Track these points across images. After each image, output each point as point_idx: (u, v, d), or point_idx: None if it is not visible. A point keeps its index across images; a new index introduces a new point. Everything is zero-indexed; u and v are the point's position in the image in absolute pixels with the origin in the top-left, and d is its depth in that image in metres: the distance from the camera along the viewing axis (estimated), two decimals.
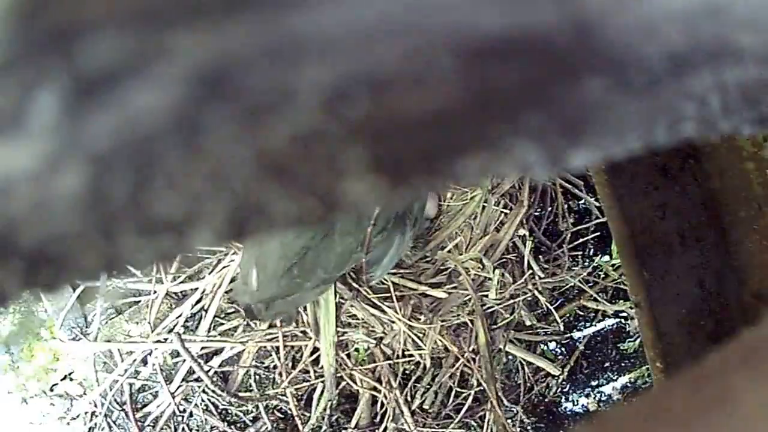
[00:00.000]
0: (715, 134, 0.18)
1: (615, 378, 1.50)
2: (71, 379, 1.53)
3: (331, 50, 0.13)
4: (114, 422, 1.49)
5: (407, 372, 1.40)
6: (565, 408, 1.51)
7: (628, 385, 1.50)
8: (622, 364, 1.49)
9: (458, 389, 1.41)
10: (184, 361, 1.40)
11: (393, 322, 1.31)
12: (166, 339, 1.41)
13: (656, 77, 0.16)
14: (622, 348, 1.49)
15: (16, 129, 0.13)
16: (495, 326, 1.37)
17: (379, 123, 0.14)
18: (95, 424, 1.49)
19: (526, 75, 0.15)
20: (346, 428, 1.43)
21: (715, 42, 0.17)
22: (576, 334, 1.48)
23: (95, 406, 1.49)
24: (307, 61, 0.13)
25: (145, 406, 1.48)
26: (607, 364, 1.49)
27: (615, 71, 0.15)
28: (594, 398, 1.51)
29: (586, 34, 0.15)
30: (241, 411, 1.45)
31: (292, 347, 1.38)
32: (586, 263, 1.42)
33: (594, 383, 1.51)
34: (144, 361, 1.45)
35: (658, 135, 0.17)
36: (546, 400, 1.49)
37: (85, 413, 1.49)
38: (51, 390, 1.53)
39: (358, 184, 0.14)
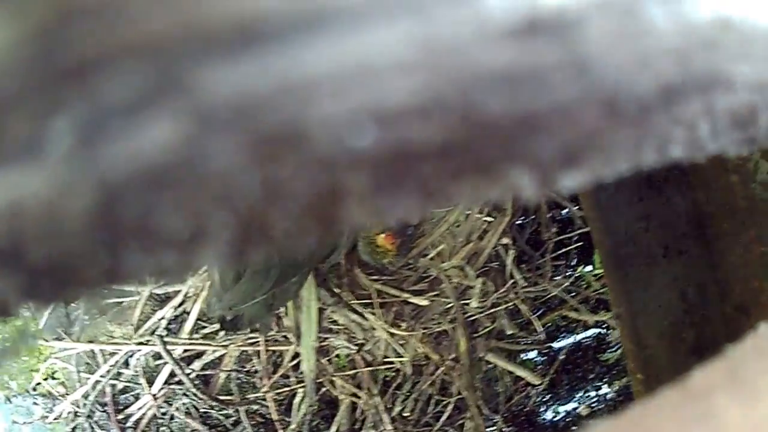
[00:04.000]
0: (702, 155, 0.18)
1: (595, 388, 1.44)
2: (54, 379, 1.47)
3: (342, 86, 0.13)
4: (96, 423, 1.43)
5: (388, 379, 1.35)
6: (545, 418, 1.45)
7: (609, 395, 1.44)
8: (603, 375, 1.43)
9: (438, 397, 1.35)
10: (166, 363, 1.35)
11: (374, 328, 1.25)
12: (148, 341, 1.35)
13: (647, 106, 0.16)
14: (603, 358, 1.43)
15: (32, 155, 0.13)
16: (476, 335, 1.31)
17: (384, 153, 0.14)
18: (77, 425, 1.42)
19: (525, 107, 0.15)
20: None
21: (707, 73, 0.17)
22: (557, 344, 1.42)
23: (77, 406, 1.43)
24: (320, 97, 0.13)
25: (126, 407, 1.42)
26: (587, 375, 1.43)
27: (608, 102, 0.16)
28: (574, 408, 1.45)
29: (583, 70, 0.15)
30: (221, 415, 1.39)
31: (273, 352, 1.32)
32: (569, 273, 1.36)
33: (574, 393, 1.45)
34: (126, 363, 1.40)
35: (646, 157, 0.17)
36: (526, 409, 1.43)
37: (68, 413, 1.43)
38: (34, 389, 1.48)
39: (357, 207, 0.15)
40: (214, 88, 0.13)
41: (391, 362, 1.30)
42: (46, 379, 1.47)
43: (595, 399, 1.44)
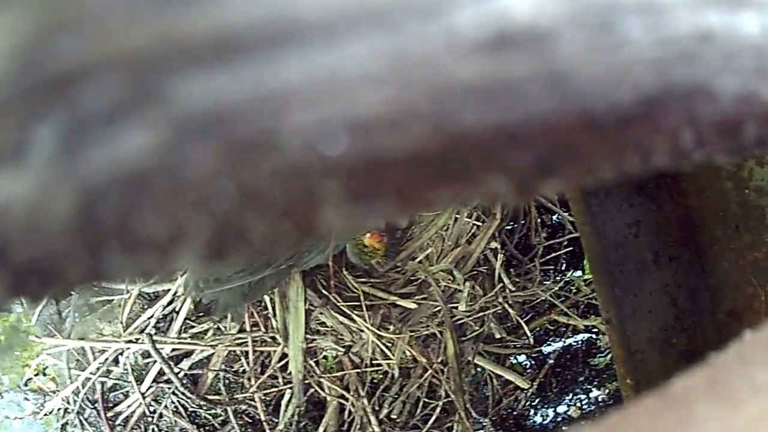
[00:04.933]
0: (688, 164, 0.18)
1: (585, 393, 1.42)
2: (44, 375, 1.47)
3: (313, 97, 0.14)
4: (86, 420, 1.42)
5: (375, 381, 1.33)
6: (534, 421, 1.43)
7: (599, 400, 1.42)
8: (593, 379, 1.41)
9: (426, 400, 1.33)
10: (155, 362, 1.33)
11: (362, 330, 1.23)
12: (137, 339, 1.34)
13: (626, 116, 0.16)
14: (593, 363, 1.41)
15: (17, 160, 0.13)
16: (464, 338, 1.29)
17: (357, 161, 0.14)
18: (68, 421, 1.42)
19: (500, 118, 0.15)
20: None
21: (689, 85, 0.16)
22: (546, 348, 1.40)
23: (68, 403, 1.42)
24: (292, 107, 0.14)
25: (116, 405, 1.41)
26: (576, 379, 1.40)
27: (586, 113, 0.15)
28: (564, 412, 1.44)
29: (558, 82, 0.15)
30: (210, 414, 1.38)
31: (261, 352, 1.31)
32: (558, 278, 1.33)
33: (563, 397, 1.43)
34: (116, 361, 1.39)
35: (628, 165, 0.17)
36: (514, 413, 1.41)
37: (58, 409, 1.42)
38: (25, 385, 1.47)
39: (332, 212, 0.15)
40: (190, 97, 0.13)
41: (379, 364, 1.29)
42: (37, 375, 1.46)
43: (585, 402, 1.42)
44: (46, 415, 1.44)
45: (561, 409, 1.43)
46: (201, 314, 1.13)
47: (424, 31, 0.14)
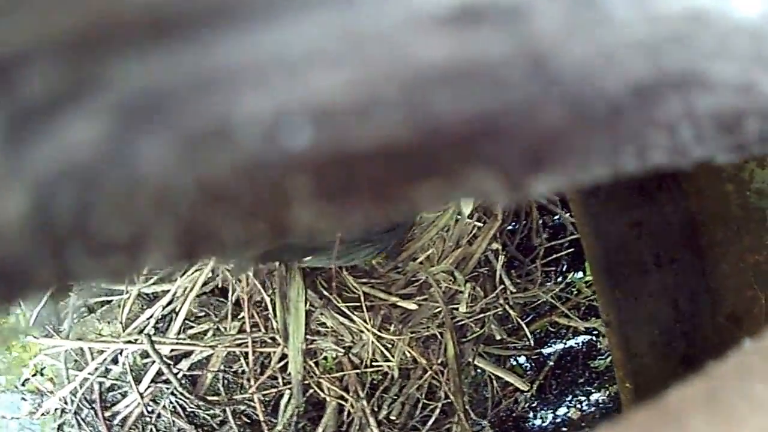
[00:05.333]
0: (687, 162, 0.17)
1: (585, 395, 1.41)
2: (42, 375, 1.46)
3: (261, 80, 0.13)
4: (83, 420, 1.41)
5: (375, 382, 1.32)
6: (533, 424, 1.43)
7: (599, 402, 1.42)
8: (593, 382, 1.40)
9: (426, 401, 1.33)
10: (154, 362, 1.32)
11: (362, 331, 1.23)
12: (136, 339, 1.33)
13: (619, 107, 0.15)
14: (592, 365, 1.40)
15: None
16: (465, 339, 1.28)
17: (324, 154, 0.13)
18: (65, 421, 1.41)
19: (477, 106, 0.14)
20: None
21: (682, 71, 0.15)
22: (546, 350, 1.39)
23: (65, 403, 1.41)
24: (241, 91, 0.13)
25: (113, 405, 1.41)
26: (576, 381, 1.40)
27: (573, 101, 0.14)
28: (562, 415, 1.43)
29: (539, 64, 0.14)
30: (208, 414, 1.37)
31: (261, 353, 1.30)
32: (559, 279, 1.33)
33: (563, 399, 1.42)
34: (114, 361, 1.38)
35: (626, 163, 0.16)
36: (514, 414, 1.41)
37: (55, 410, 1.41)
38: (23, 385, 1.46)
39: (305, 211, 0.14)
40: (130, 82, 0.12)
41: (379, 365, 1.28)
42: (34, 375, 1.45)
43: (585, 404, 1.41)
44: (43, 415, 1.43)
45: (560, 411, 1.42)
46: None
47: (378, 4, 0.13)
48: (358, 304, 1.23)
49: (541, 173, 0.15)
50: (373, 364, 1.29)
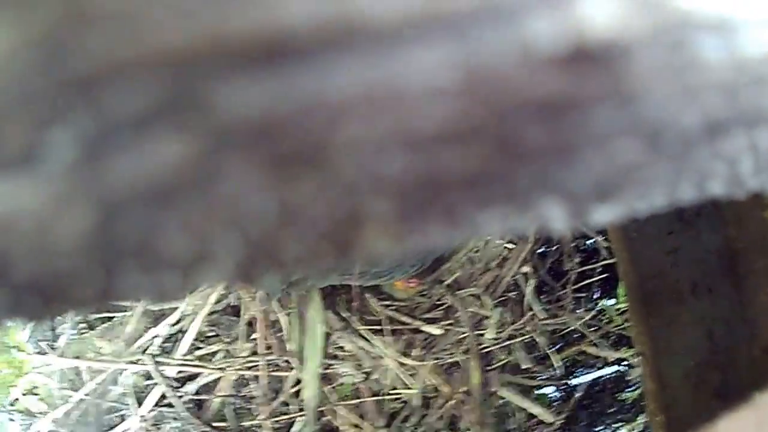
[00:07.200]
0: (742, 192, 0.17)
1: (612, 429, 1.35)
2: (34, 395, 1.36)
3: (371, 110, 0.13)
4: None
5: (394, 410, 1.27)
6: None
7: None
8: (620, 415, 1.34)
9: None
10: (157, 384, 1.24)
11: (383, 357, 1.16)
12: (139, 360, 1.25)
13: (690, 140, 0.15)
14: (621, 398, 1.35)
15: (29, 166, 0.12)
16: (490, 367, 1.24)
17: (414, 181, 0.14)
18: None
19: (564, 138, 0.14)
20: None
21: (754, 109, 0.16)
22: (574, 381, 1.34)
23: (58, 425, 1.31)
24: (347, 119, 0.13)
25: (111, 429, 1.32)
26: (604, 414, 1.34)
27: (651, 135, 0.15)
28: None
29: (627, 103, 0.14)
30: None
31: (274, 377, 1.22)
32: (590, 306, 1.28)
33: None
34: (114, 381, 1.29)
35: (684, 193, 0.17)
36: None
37: None
38: (11, 405, 1.37)
39: (377, 233, 0.14)
40: (234, 105, 0.12)
41: (399, 393, 1.23)
42: (25, 395, 1.36)
43: None
44: None
45: None
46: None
47: (498, 41, 0.13)
48: (380, 327, 1.21)
49: (606, 203, 0.15)
50: (393, 391, 1.23)
